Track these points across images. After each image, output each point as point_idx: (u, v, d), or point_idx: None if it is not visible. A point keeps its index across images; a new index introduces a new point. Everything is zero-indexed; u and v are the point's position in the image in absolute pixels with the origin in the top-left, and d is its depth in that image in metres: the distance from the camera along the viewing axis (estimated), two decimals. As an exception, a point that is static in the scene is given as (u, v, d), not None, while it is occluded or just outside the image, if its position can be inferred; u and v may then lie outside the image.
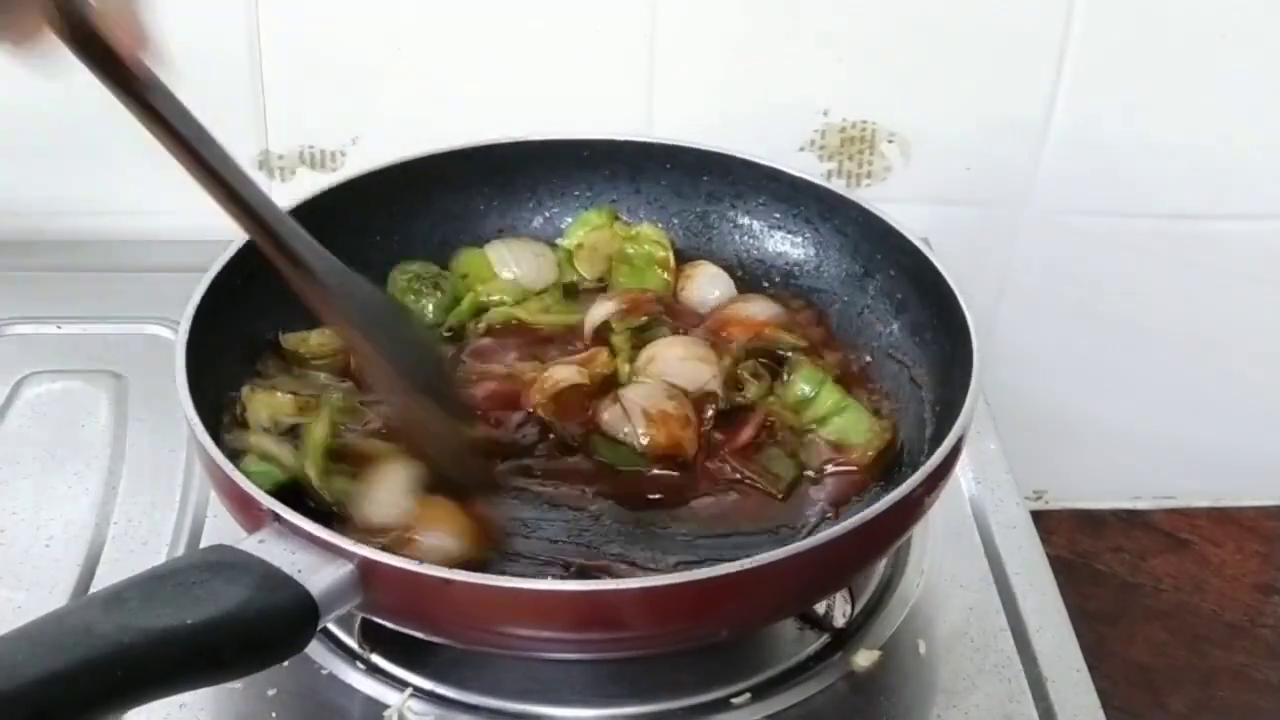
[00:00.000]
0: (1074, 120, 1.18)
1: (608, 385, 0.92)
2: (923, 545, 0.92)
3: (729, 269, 1.04)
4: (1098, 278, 1.26)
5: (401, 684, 0.80)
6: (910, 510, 0.76)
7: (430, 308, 1.00)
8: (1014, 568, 0.91)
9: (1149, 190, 1.22)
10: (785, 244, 1.04)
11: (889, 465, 0.89)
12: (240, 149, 1.17)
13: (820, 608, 0.84)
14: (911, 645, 0.85)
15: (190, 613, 0.60)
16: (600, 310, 0.97)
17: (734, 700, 0.80)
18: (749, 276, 1.04)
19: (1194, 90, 1.17)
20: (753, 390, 0.92)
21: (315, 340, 0.93)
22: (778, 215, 1.04)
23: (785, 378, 0.92)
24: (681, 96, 1.17)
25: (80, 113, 1.16)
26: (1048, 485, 1.38)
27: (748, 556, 0.68)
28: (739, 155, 1.03)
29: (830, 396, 0.91)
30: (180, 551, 0.90)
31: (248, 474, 0.74)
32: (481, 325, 0.98)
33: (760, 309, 0.99)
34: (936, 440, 0.79)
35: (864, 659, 0.83)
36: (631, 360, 0.93)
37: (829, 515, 0.85)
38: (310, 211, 0.95)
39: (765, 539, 0.83)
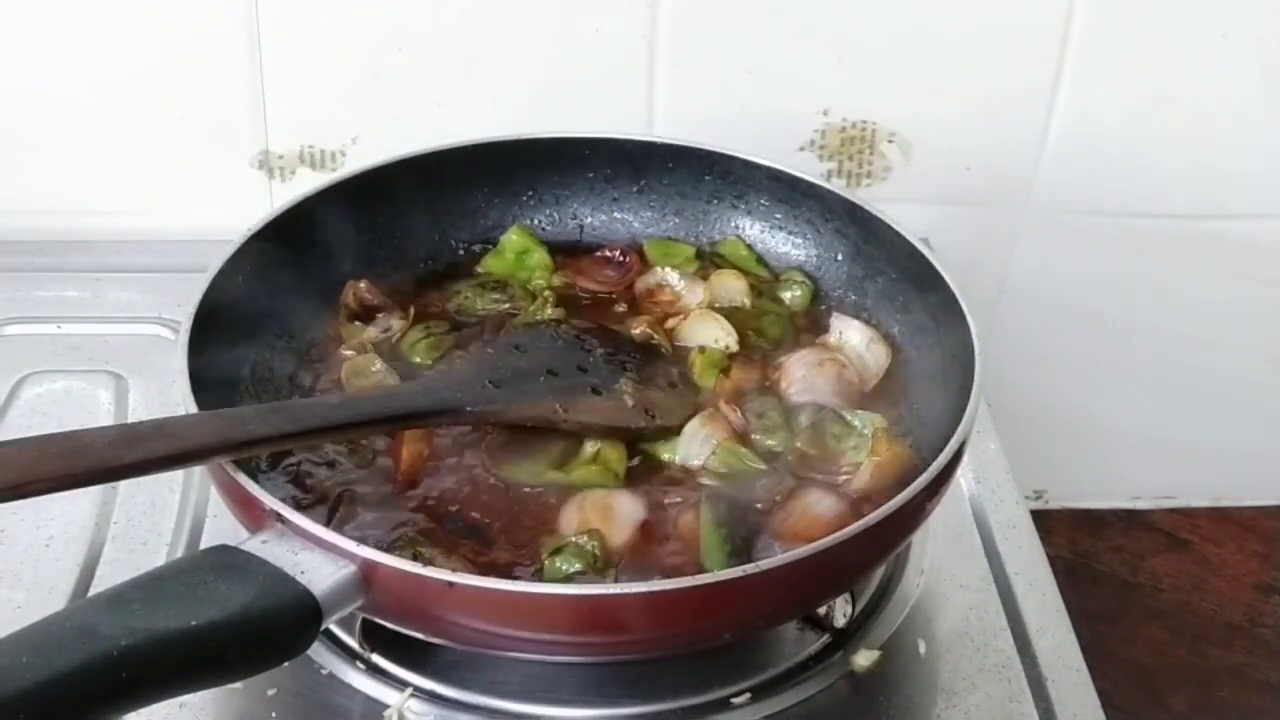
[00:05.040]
0: (1074, 120, 1.18)
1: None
2: (923, 545, 0.92)
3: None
4: (1098, 278, 1.26)
5: (401, 684, 0.80)
6: (913, 515, 0.76)
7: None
8: (1014, 568, 0.91)
9: (1149, 190, 1.22)
10: (787, 245, 1.04)
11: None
12: (240, 149, 1.18)
13: (821, 608, 0.84)
14: (911, 645, 0.85)
15: (194, 614, 0.60)
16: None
17: (734, 700, 0.80)
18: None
19: (1194, 90, 1.17)
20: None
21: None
22: (779, 216, 1.04)
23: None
24: (682, 96, 1.17)
25: (81, 113, 1.16)
26: (1048, 485, 1.38)
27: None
28: (741, 156, 1.03)
29: None
30: (180, 551, 0.90)
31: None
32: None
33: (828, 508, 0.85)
34: (938, 445, 0.79)
35: (864, 659, 0.83)
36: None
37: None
38: (311, 209, 0.95)
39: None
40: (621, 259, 1.04)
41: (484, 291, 1.00)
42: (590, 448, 0.85)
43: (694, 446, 0.87)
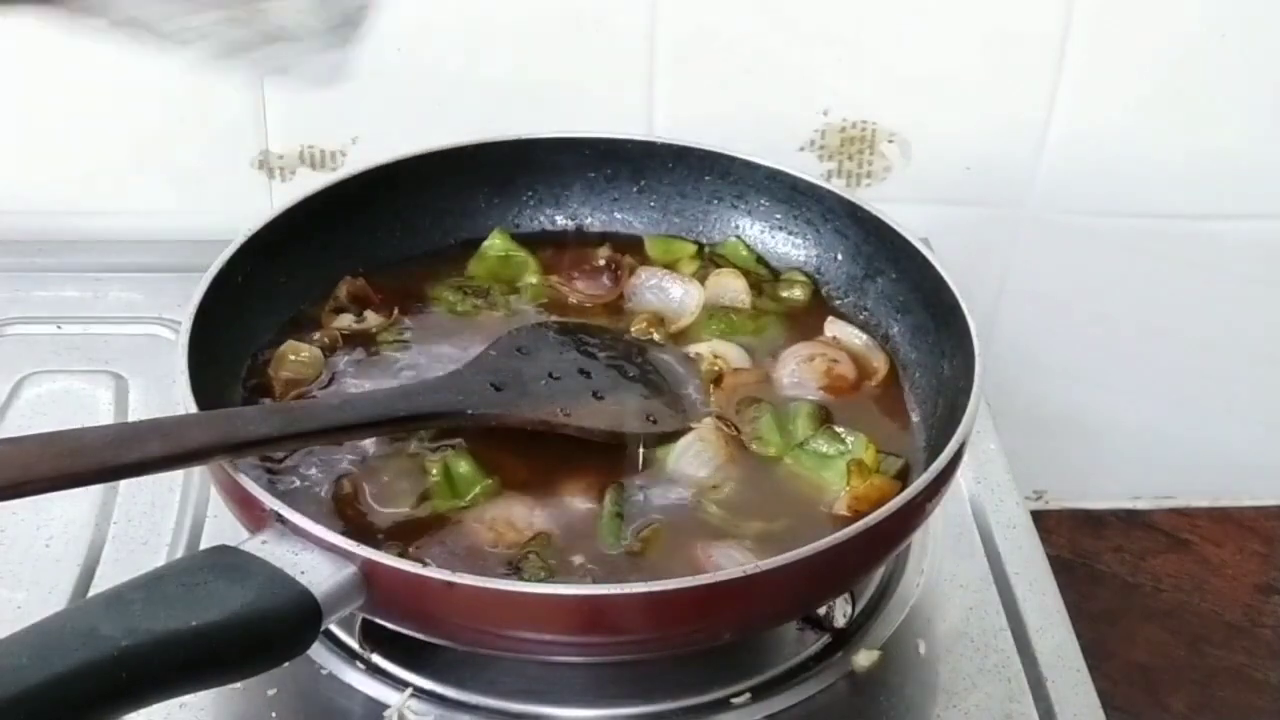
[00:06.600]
0: (1074, 120, 1.18)
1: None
2: (923, 545, 0.92)
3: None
4: (1098, 278, 1.26)
5: (401, 684, 0.80)
6: (913, 516, 0.76)
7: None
8: (1014, 568, 0.91)
9: (1149, 190, 1.22)
10: (787, 245, 1.04)
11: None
12: (240, 149, 1.18)
13: (821, 609, 0.84)
14: (911, 645, 0.85)
15: (194, 614, 0.60)
16: None
17: (734, 700, 0.80)
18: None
19: (1194, 90, 1.17)
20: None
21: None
22: (779, 216, 1.04)
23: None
24: (681, 96, 1.17)
25: (81, 113, 1.16)
26: (1048, 485, 1.38)
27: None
28: (741, 156, 1.02)
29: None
30: (180, 552, 0.90)
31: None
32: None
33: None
34: (938, 445, 0.79)
35: (864, 659, 0.83)
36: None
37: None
38: (311, 209, 0.95)
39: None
40: (614, 269, 1.02)
41: (465, 296, 1.00)
42: (435, 472, 0.82)
43: (691, 454, 0.86)
